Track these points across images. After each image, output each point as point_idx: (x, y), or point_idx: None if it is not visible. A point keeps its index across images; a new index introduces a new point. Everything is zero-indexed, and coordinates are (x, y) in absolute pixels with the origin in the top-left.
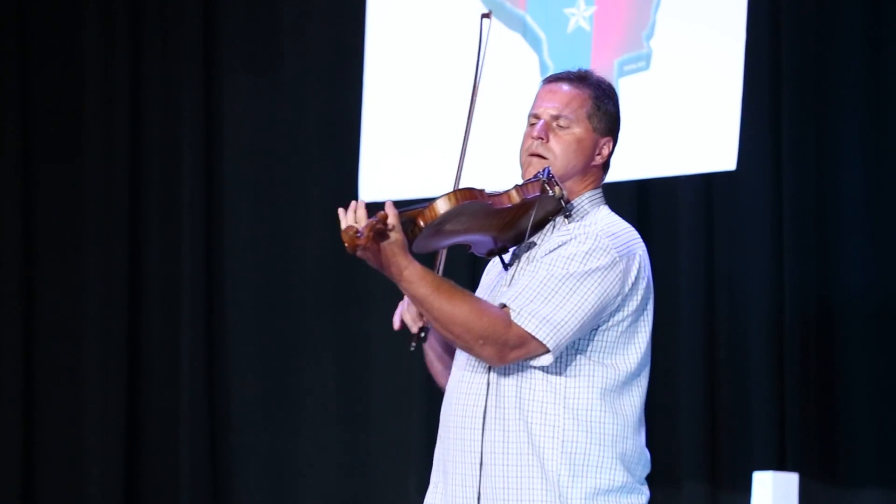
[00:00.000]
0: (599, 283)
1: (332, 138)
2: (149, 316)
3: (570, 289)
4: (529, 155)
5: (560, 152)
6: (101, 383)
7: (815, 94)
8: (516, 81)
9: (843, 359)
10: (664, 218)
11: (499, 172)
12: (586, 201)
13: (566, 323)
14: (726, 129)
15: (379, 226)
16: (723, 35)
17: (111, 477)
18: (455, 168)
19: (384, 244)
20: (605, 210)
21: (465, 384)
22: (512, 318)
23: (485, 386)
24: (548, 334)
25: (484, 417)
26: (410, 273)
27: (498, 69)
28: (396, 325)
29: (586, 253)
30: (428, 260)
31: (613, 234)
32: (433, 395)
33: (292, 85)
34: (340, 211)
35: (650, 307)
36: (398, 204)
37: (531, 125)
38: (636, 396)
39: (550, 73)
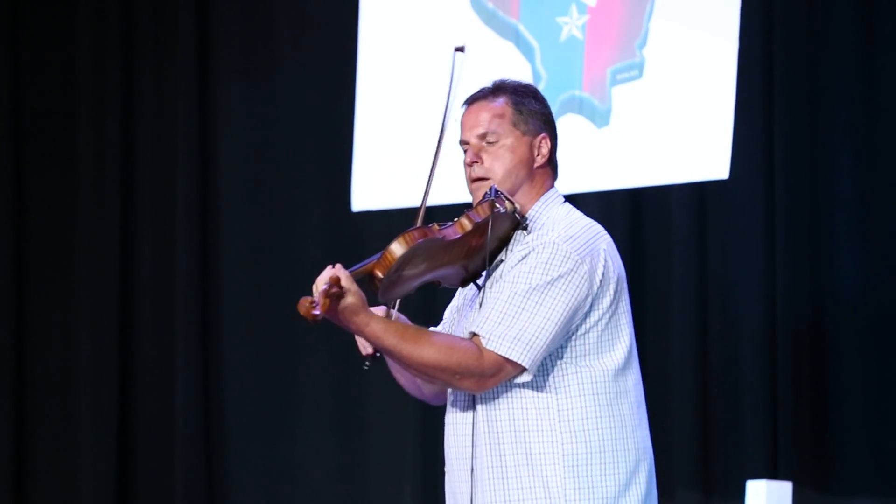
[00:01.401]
0: (565, 290)
1: (326, 146)
2: (142, 323)
3: (537, 302)
4: (472, 182)
5: (498, 168)
6: (94, 391)
7: (807, 103)
8: None
9: (835, 367)
10: (657, 226)
11: None
12: (541, 207)
13: (537, 337)
14: (719, 137)
15: (333, 290)
16: (715, 44)
17: (104, 484)
18: (437, 179)
19: (340, 307)
20: (562, 210)
21: (458, 417)
22: (483, 345)
23: (471, 418)
24: (521, 353)
25: (473, 447)
26: (373, 329)
27: (490, 78)
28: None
29: (546, 263)
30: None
31: (571, 238)
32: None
33: (286, 93)
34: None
35: (625, 298)
36: (390, 213)
37: (465, 152)
38: (631, 392)
39: (543, 82)
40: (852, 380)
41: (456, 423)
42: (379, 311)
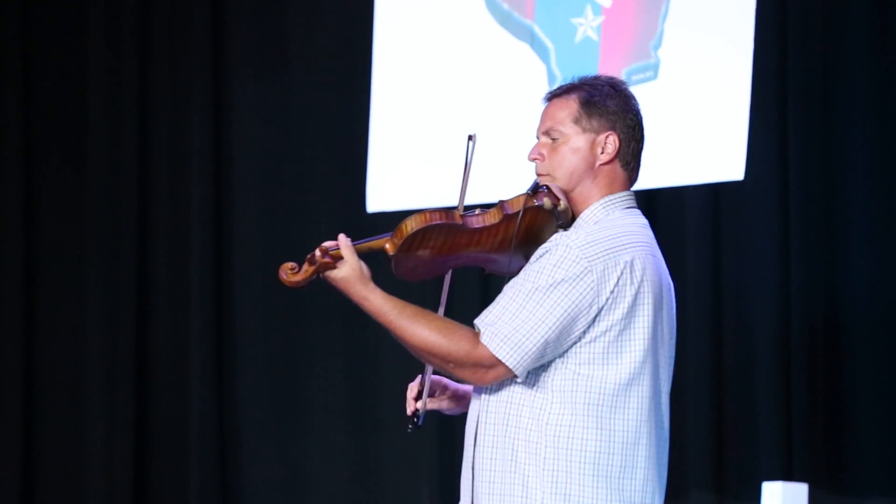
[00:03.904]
0: (566, 296)
1: (341, 146)
2: (157, 324)
3: (537, 303)
4: (537, 177)
5: (557, 165)
6: (110, 392)
7: (822, 104)
8: (524, 91)
9: (850, 368)
10: (672, 227)
11: (508, 181)
12: (599, 209)
13: (528, 339)
14: (734, 139)
15: (325, 259)
16: (730, 45)
17: (119, 486)
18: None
19: (336, 277)
20: (613, 215)
21: (472, 405)
22: (479, 337)
23: (476, 408)
24: (507, 352)
25: (475, 437)
26: (371, 303)
27: (506, 79)
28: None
29: (554, 265)
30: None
31: (590, 243)
32: None
33: (301, 92)
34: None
35: (646, 312)
36: (405, 214)
37: None
38: (632, 408)
39: (558, 83)
40: (867, 381)
41: (470, 411)
42: None
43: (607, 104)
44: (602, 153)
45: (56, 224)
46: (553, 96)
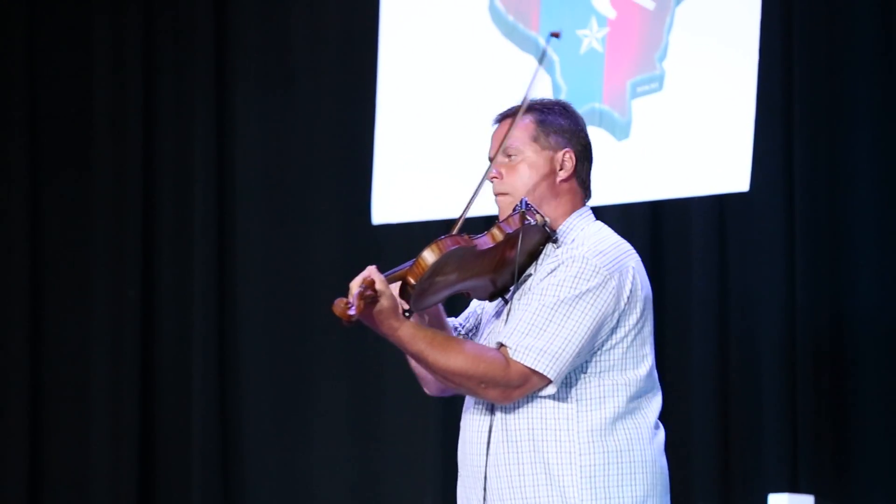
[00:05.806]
0: (593, 305)
1: (345, 156)
2: (162, 330)
3: (564, 314)
4: (496, 196)
5: (517, 182)
6: (113, 401)
7: (827, 115)
8: None
9: (855, 378)
10: (677, 239)
11: None
12: (571, 223)
13: (563, 350)
14: (739, 150)
15: (368, 292)
16: (735, 56)
17: (124, 491)
18: (469, 187)
19: (375, 311)
20: (593, 227)
21: (475, 423)
22: (510, 356)
23: (487, 425)
24: (547, 365)
25: (487, 456)
26: (402, 333)
27: (510, 91)
28: None
29: (575, 276)
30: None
31: (601, 253)
32: (448, 412)
33: (305, 102)
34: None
35: (650, 315)
36: (410, 226)
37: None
38: (648, 412)
39: (563, 94)
40: (873, 392)
41: (472, 430)
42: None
43: (561, 123)
44: (561, 170)
45: (61, 230)
46: (504, 117)
